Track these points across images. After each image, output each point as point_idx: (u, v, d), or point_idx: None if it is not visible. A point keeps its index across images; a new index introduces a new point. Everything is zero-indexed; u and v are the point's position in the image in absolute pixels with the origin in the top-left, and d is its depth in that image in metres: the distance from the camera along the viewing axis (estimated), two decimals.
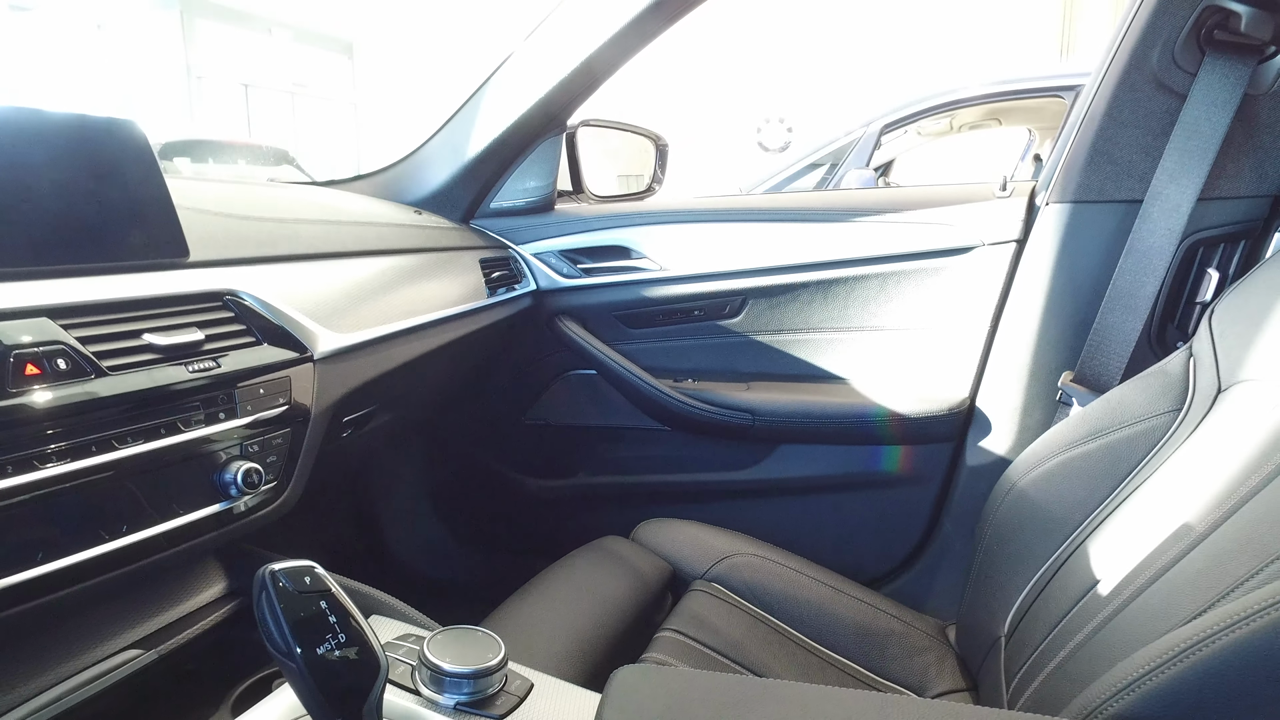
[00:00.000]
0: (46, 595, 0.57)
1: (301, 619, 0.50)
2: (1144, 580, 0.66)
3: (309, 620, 0.50)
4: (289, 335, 0.79)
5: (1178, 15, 0.98)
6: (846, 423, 1.26)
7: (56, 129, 0.71)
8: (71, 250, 0.69)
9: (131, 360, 0.65)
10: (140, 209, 0.76)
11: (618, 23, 1.14)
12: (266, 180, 6.33)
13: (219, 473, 0.70)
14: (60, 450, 0.59)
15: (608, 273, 1.36)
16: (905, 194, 1.29)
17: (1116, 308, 1.04)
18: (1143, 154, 1.03)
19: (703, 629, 0.96)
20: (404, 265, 1.08)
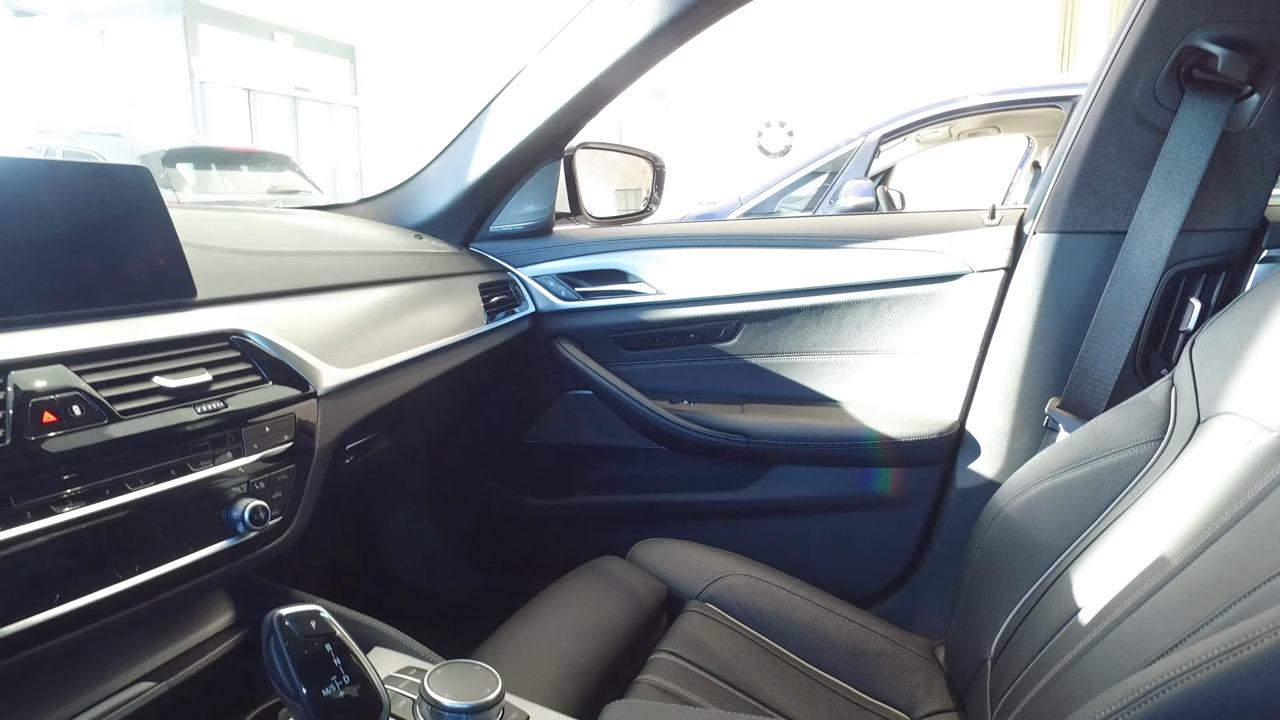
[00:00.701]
0: (65, 634, 0.60)
1: (307, 662, 0.53)
2: (1121, 611, 0.69)
3: (315, 663, 0.53)
4: (293, 372, 0.82)
5: (1158, 55, 1.00)
6: (839, 445, 1.28)
7: (70, 178, 0.73)
8: (84, 296, 0.72)
9: (143, 404, 0.68)
10: (150, 253, 0.79)
11: (618, 51, 1.16)
12: (267, 191, 6.37)
13: (227, 510, 0.72)
14: (77, 494, 0.62)
15: (605, 296, 1.38)
16: (897, 220, 1.31)
17: (1102, 336, 1.06)
18: (1126, 187, 1.06)
19: (697, 650, 0.99)
20: (405, 295, 1.10)
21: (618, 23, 1.15)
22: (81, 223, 0.73)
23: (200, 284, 0.81)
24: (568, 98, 1.22)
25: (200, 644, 0.78)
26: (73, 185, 0.73)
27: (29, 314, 0.68)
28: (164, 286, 0.79)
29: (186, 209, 0.87)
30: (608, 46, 1.17)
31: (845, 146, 3.56)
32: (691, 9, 1.10)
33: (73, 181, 0.73)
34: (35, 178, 0.71)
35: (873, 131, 3.48)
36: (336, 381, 0.86)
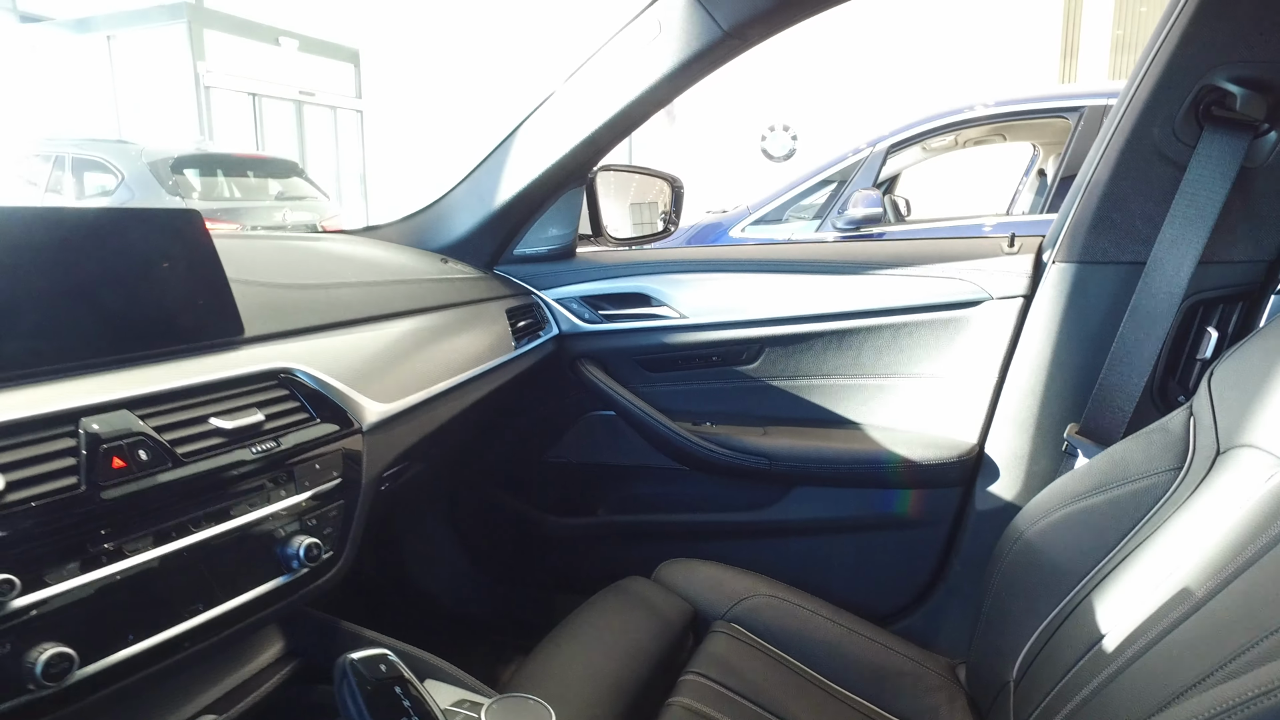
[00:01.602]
0: (139, 672, 0.62)
1: (379, 704, 0.55)
2: (1146, 641, 0.71)
3: (385, 704, 0.55)
4: (339, 409, 0.84)
5: (1178, 92, 1.03)
6: (860, 467, 1.30)
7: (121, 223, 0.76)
8: (140, 339, 0.75)
9: (201, 446, 0.70)
10: (199, 294, 0.81)
11: (644, 83, 1.19)
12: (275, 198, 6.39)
13: (281, 547, 0.75)
14: (146, 537, 0.64)
15: (628, 319, 1.41)
16: (918, 247, 1.34)
17: (1120, 364, 1.09)
18: (1145, 220, 1.08)
19: (725, 671, 1.01)
20: (437, 323, 1.13)
21: (644, 55, 1.18)
22: (134, 267, 0.76)
23: (245, 320, 0.84)
24: (594, 127, 1.24)
25: (255, 675, 0.80)
26: (124, 230, 0.76)
27: (89, 359, 0.70)
28: (213, 326, 0.82)
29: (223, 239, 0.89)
30: (634, 78, 1.19)
31: (853, 156, 3.59)
32: (716, 44, 1.13)
33: (124, 226, 0.76)
34: (88, 225, 0.73)
35: (880, 142, 3.50)
36: (380, 416, 0.88)
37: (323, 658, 0.87)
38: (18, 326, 0.66)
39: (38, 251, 0.69)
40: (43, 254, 0.69)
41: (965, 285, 1.26)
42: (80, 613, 0.59)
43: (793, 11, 1.08)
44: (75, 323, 0.70)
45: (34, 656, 0.55)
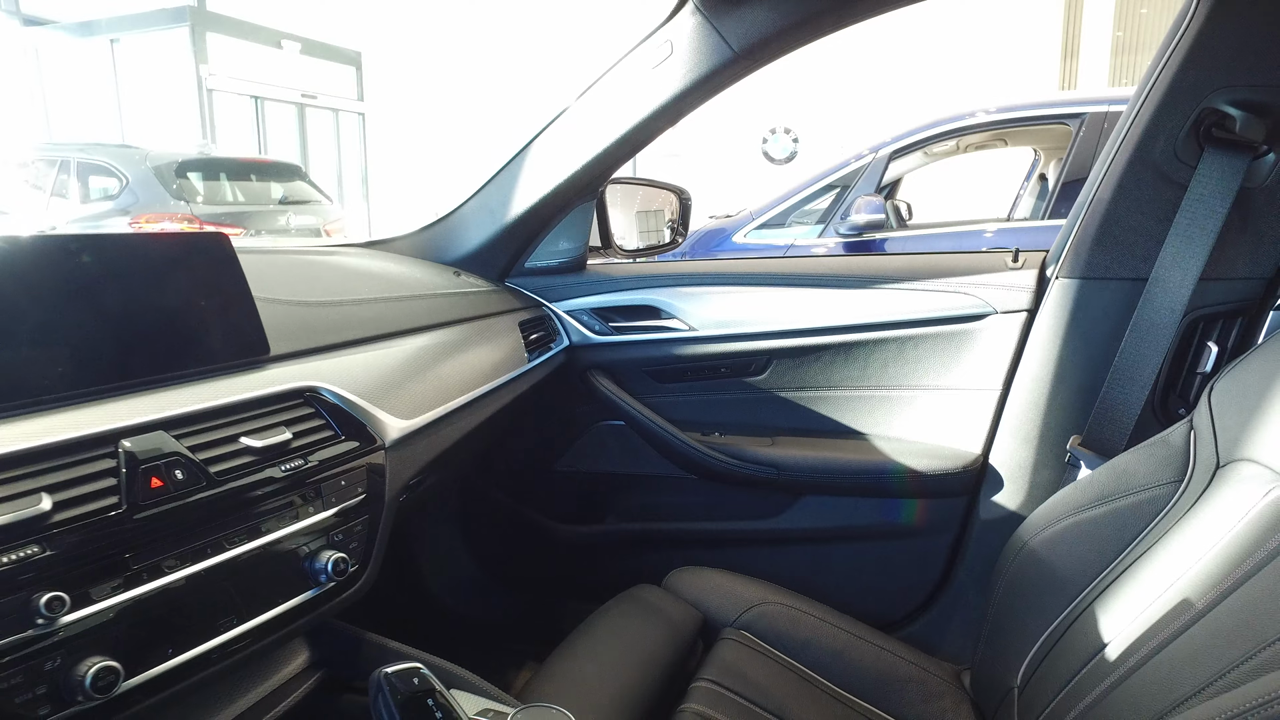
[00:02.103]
0: (178, 684, 0.65)
1: (412, 715, 0.57)
2: (1148, 650, 0.73)
3: (418, 717, 0.57)
4: (362, 426, 0.86)
5: (1179, 115, 1.05)
6: (866, 477, 1.33)
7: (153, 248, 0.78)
8: (173, 360, 0.77)
9: (233, 465, 0.72)
10: (228, 314, 0.83)
11: (656, 102, 1.21)
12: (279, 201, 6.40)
13: (309, 561, 0.77)
14: (183, 554, 0.66)
15: (638, 331, 1.43)
16: (924, 262, 1.36)
17: (1122, 378, 1.11)
18: (1147, 237, 1.10)
19: (735, 678, 1.03)
20: (453, 338, 1.15)
21: (656, 75, 1.20)
22: (166, 289, 0.78)
23: (269, 339, 0.86)
24: (606, 143, 1.27)
25: (283, 685, 0.83)
26: (156, 254, 0.78)
27: (123, 381, 0.72)
28: (240, 346, 0.84)
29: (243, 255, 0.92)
30: (645, 97, 1.22)
31: (856, 162, 3.61)
32: (727, 64, 1.15)
33: (155, 251, 0.78)
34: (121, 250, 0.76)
35: (883, 148, 3.53)
36: (401, 432, 0.91)
37: (348, 668, 0.89)
38: (57, 350, 0.69)
39: (73, 276, 0.71)
40: (77, 278, 0.71)
41: (970, 300, 1.28)
42: (124, 627, 0.61)
43: (803, 32, 1.11)
44: (110, 345, 0.72)
45: (83, 670, 0.57)
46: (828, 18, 1.09)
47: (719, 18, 1.12)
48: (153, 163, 5.61)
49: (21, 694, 0.55)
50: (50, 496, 0.59)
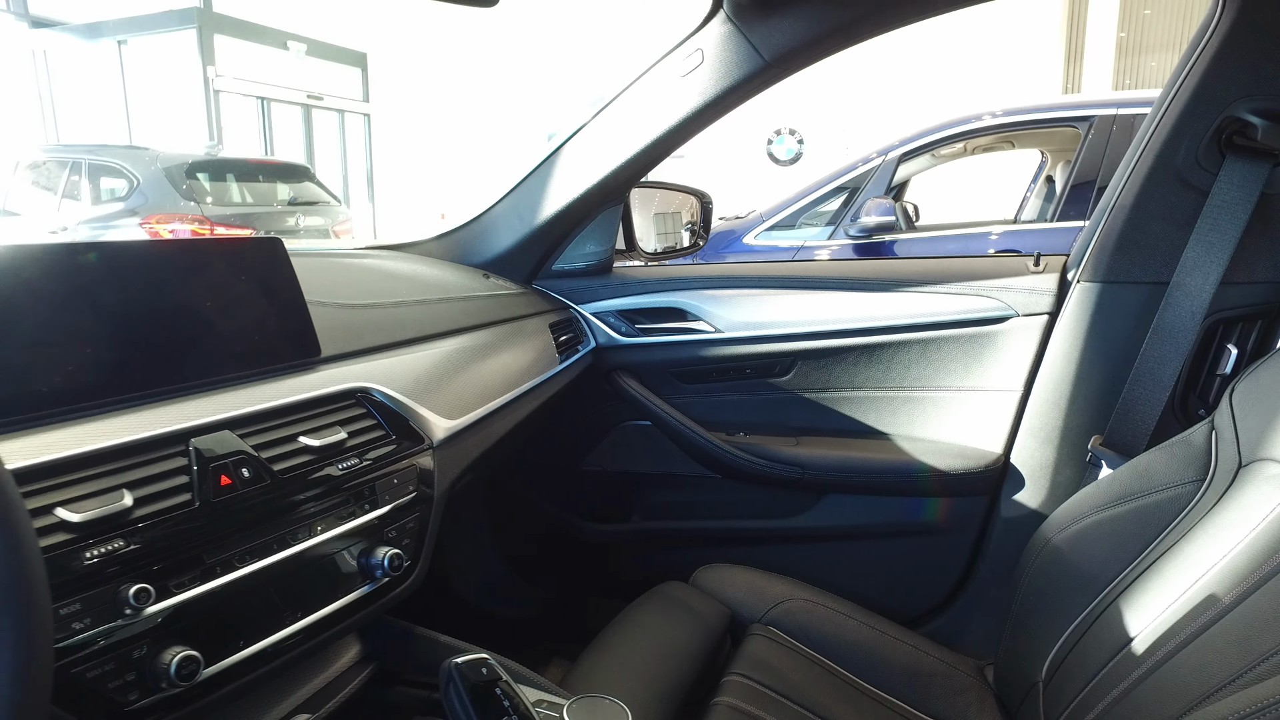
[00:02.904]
0: (251, 674, 0.67)
1: (481, 703, 0.60)
2: (1176, 643, 0.76)
3: (488, 704, 0.60)
4: (410, 425, 0.89)
5: (1201, 123, 1.08)
6: (889, 475, 1.35)
7: (213, 253, 0.81)
8: (234, 361, 0.80)
9: (295, 463, 0.75)
10: (284, 317, 0.86)
11: (685, 110, 1.23)
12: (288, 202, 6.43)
13: (365, 557, 0.80)
14: (251, 549, 0.69)
15: (664, 333, 1.46)
16: (946, 266, 1.38)
17: (1143, 380, 1.13)
18: (1168, 242, 1.13)
19: (766, 672, 1.06)
20: (489, 340, 1.18)
21: (686, 82, 1.23)
22: (227, 293, 0.81)
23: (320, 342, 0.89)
24: (636, 149, 1.29)
25: (338, 677, 0.85)
26: (215, 259, 0.81)
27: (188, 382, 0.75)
28: (295, 347, 0.87)
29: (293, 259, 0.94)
30: (676, 104, 1.24)
31: (863, 166, 3.64)
32: (757, 73, 1.18)
33: (215, 256, 0.81)
34: (182, 256, 0.78)
35: (891, 151, 3.56)
36: (447, 432, 0.93)
37: (398, 661, 0.91)
38: (128, 351, 0.71)
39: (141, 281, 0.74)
40: (145, 283, 0.74)
41: (992, 302, 1.31)
42: (201, 619, 0.64)
43: (833, 42, 1.13)
44: (176, 346, 0.75)
45: (168, 658, 0.60)
46: (857, 28, 1.12)
47: (751, 27, 1.14)
48: (163, 164, 5.64)
49: (114, 680, 0.57)
50: (130, 493, 0.62)
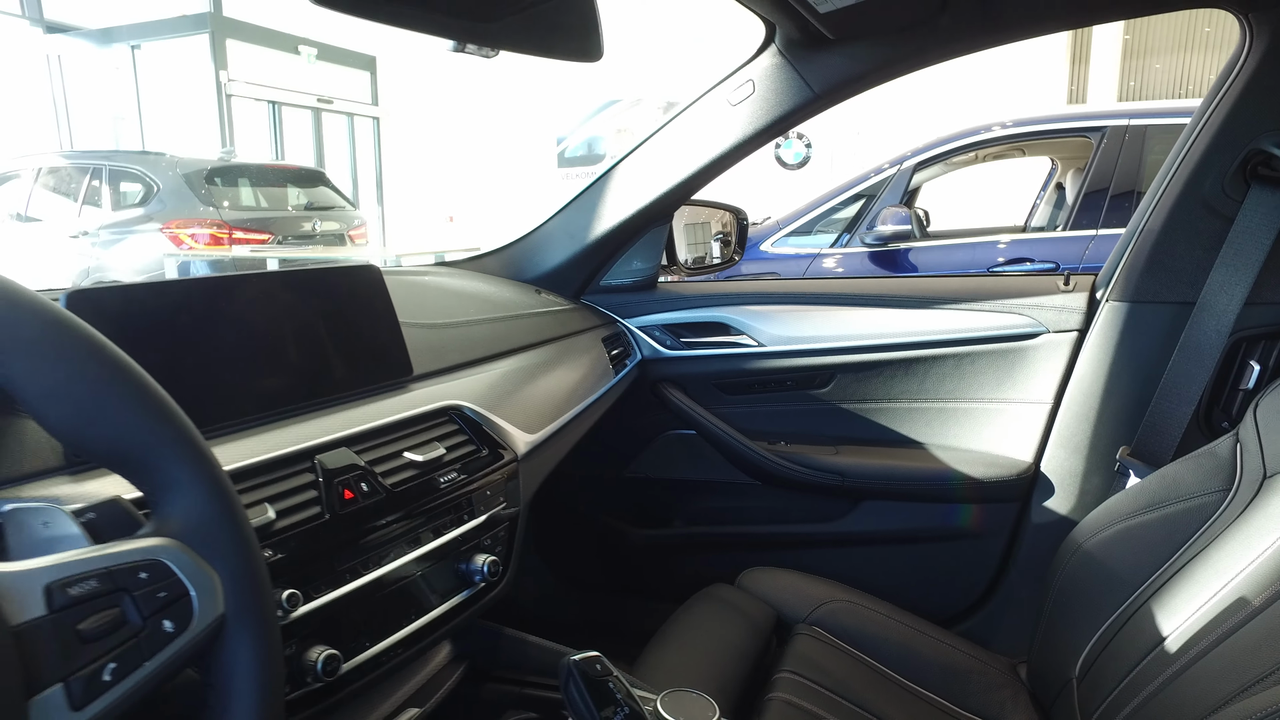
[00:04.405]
0: (378, 670, 0.74)
1: (598, 695, 0.67)
2: (1208, 643, 0.82)
3: (603, 696, 0.67)
4: (497, 440, 0.96)
5: (1228, 155, 1.14)
6: (924, 483, 1.42)
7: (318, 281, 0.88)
8: (344, 382, 0.87)
9: (403, 477, 0.82)
10: (383, 340, 0.93)
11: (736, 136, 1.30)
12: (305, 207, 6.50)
13: (465, 564, 0.87)
14: (372, 557, 0.76)
15: (708, 346, 1.53)
16: (980, 283, 1.45)
17: (1170, 394, 1.20)
18: (1195, 264, 1.20)
19: (814, 670, 1.12)
20: (551, 355, 1.25)
21: (737, 111, 1.30)
22: (335, 319, 0.88)
23: None
24: (686, 173, 1.36)
25: (435, 675, 0.92)
26: (320, 287, 0.88)
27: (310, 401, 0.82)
28: (393, 368, 0.94)
29: None
30: (725, 131, 1.31)
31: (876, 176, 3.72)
32: (806, 104, 1.25)
33: (320, 284, 0.88)
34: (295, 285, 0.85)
35: (906, 160, 3.63)
36: (528, 445, 1.00)
37: (488, 660, 0.98)
38: (255, 376, 0.78)
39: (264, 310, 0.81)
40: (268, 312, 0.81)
41: (1024, 319, 1.38)
42: (335, 621, 0.71)
43: (879, 77, 1.20)
44: (295, 370, 0.82)
45: (314, 655, 0.67)
46: (900, 64, 1.18)
47: (801, 61, 1.21)
48: (183, 170, 5.72)
49: None
50: (271, 506, 0.69)
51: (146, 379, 0.46)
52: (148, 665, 0.41)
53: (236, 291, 0.79)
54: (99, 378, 0.44)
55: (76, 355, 0.43)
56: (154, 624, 0.42)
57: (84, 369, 0.43)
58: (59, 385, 0.42)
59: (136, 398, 0.45)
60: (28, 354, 0.42)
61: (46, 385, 0.42)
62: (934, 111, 7.25)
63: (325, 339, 0.86)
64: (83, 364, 0.43)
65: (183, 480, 0.46)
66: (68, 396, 0.43)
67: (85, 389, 0.43)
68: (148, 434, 0.45)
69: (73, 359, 0.43)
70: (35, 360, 0.42)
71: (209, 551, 0.46)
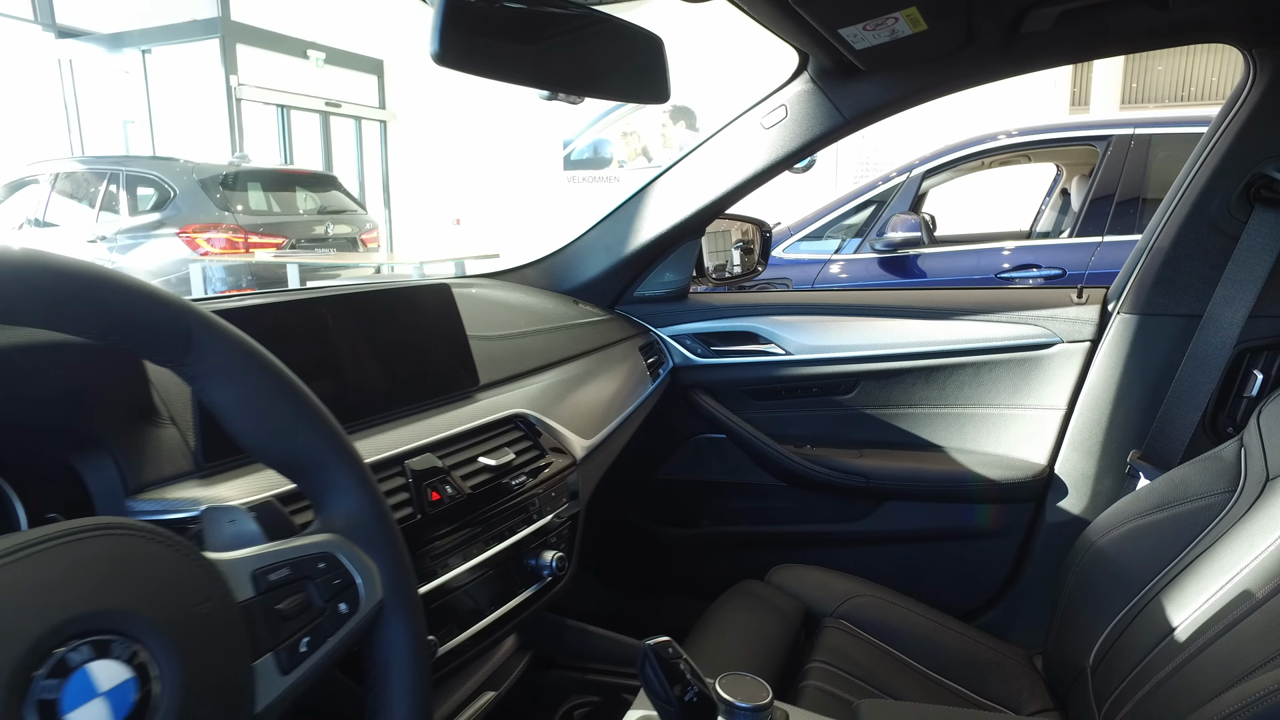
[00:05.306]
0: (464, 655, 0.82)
1: (672, 675, 0.75)
2: (1215, 632, 0.90)
3: (676, 677, 0.75)
4: (558, 445, 1.04)
5: (1233, 178, 1.22)
6: (944, 484, 1.50)
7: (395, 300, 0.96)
8: (424, 392, 0.95)
9: (480, 480, 0.90)
10: (455, 353, 1.01)
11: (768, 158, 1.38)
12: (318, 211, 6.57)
13: (534, 559, 0.94)
14: (457, 554, 0.84)
15: (737, 354, 1.61)
16: (998, 295, 1.53)
17: (1178, 401, 1.28)
18: (1202, 280, 1.27)
19: (843, 660, 1.20)
20: (595, 365, 1.33)
21: (770, 134, 1.37)
22: (415, 333, 0.96)
23: None
24: (720, 191, 1.44)
25: (505, 662, 1.00)
26: (399, 306, 0.96)
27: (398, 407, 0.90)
28: (461, 379, 1.02)
29: None
30: (758, 152, 1.39)
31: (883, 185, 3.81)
32: (835, 129, 1.32)
33: (399, 303, 0.96)
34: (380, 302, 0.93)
35: (915, 169, 3.71)
36: (585, 450, 1.08)
37: (552, 649, 1.06)
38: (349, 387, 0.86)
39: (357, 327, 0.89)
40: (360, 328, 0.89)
41: (1039, 330, 1.45)
42: (432, 610, 0.79)
43: (907, 103, 1.28)
44: (382, 381, 0.90)
45: None
46: (926, 92, 1.26)
47: (833, 89, 1.29)
48: (199, 175, 5.80)
49: None
50: None
51: (314, 398, 0.54)
52: (331, 640, 0.49)
53: (329, 311, 0.87)
54: (281, 399, 0.52)
55: (263, 379, 0.51)
56: (332, 606, 0.50)
57: (270, 391, 0.51)
58: (251, 406, 0.50)
59: (308, 416, 0.53)
60: (227, 379, 0.50)
61: (241, 406, 0.50)
62: (935, 112, 7.30)
63: (406, 353, 0.94)
64: (269, 387, 0.51)
65: (343, 484, 0.54)
66: (258, 416, 0.51)
67: (271, 409, 0.51)
68: (316, 446, 0.53)
69: (260, 383, 0.51)
70: (233, 385, 0.50)
71: (368, 546, 0.54)
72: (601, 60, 0.77)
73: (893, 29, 1.04)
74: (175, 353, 0.47)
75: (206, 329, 0.48)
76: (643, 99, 0.82)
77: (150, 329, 0.46)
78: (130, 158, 6.27)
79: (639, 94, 0.83)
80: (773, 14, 1.01)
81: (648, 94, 0.81)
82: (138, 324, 0.45)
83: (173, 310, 0.46)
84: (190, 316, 0.47)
